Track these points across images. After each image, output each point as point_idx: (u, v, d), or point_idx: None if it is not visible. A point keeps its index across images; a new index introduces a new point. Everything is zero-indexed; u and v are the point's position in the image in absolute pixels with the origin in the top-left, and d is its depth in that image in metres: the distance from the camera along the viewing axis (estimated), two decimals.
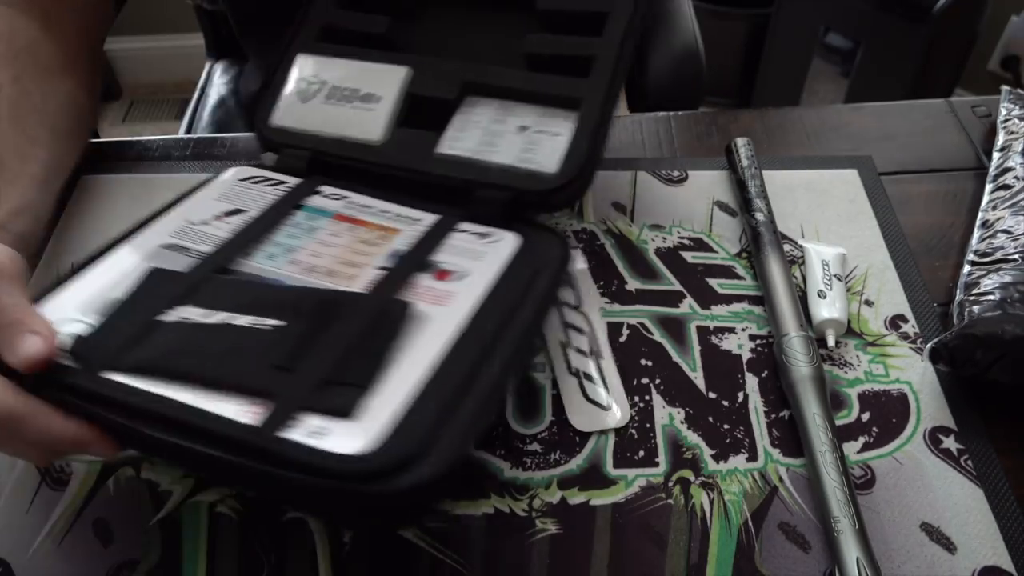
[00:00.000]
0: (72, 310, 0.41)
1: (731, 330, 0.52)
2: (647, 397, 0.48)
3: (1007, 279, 0.49)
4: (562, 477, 0.45)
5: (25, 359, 0.37)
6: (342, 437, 0.35)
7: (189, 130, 1.01)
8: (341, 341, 0.40)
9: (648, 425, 0.47)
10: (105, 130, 2.01)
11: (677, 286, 0.54)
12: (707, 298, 0.54)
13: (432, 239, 0.48)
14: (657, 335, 0.52)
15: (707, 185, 0.61)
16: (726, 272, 0.55)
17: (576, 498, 0.44)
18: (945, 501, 0.44)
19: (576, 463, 0.46)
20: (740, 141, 0.61)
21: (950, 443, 0.46)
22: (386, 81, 0.55)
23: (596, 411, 0.48)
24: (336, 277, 0.45)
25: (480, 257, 0.46)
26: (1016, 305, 0.46)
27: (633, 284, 0.54)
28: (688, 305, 0.53)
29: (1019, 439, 0.46)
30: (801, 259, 0.55)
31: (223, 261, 0.45)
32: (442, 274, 0.45)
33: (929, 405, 0.48)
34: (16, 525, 0.44)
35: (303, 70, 0.57)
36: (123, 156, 0.65)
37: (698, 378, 0.49)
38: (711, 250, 0.57)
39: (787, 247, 0.56)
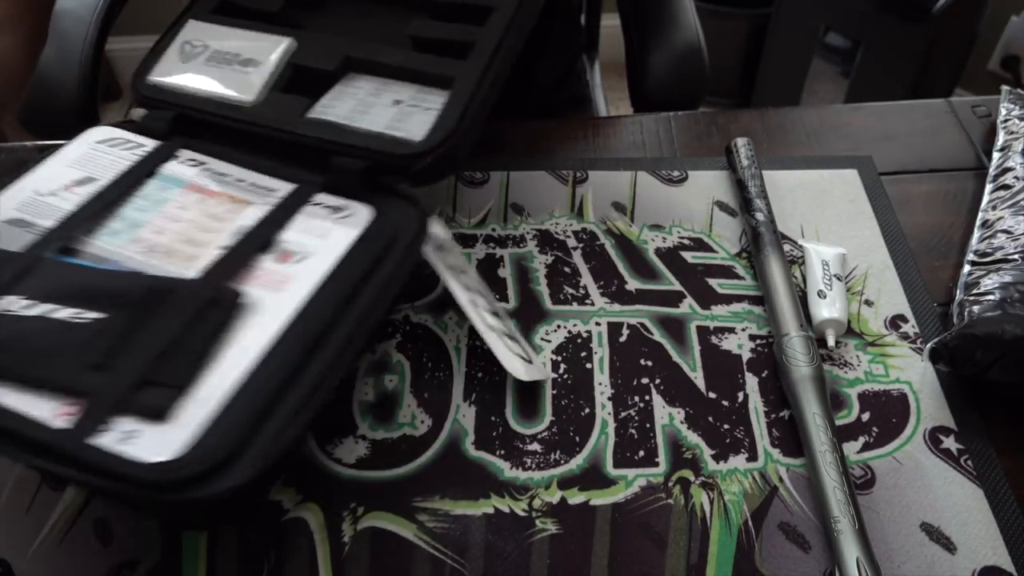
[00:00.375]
0: None
1: (731, 330, 0.52)
2: (647, 397, 0.48)
3: (1007, 279, 0.49)
4: (562, 477, 0.45)
5: None
6: (152, 442, 0.35)
7: None
8: (163, 335, 0.39)
9: (648, 425, 0.47)
10: None
11: (677, 286, 0.54)
12: (707, 298, 0.54)
13: (281, 214, 0.47)
14: (657, 335, 0.52)
15: (707, 185, 0.61)
16: (726, 272, 0.55)
17: (576, 498, 0.44)
18: (945, 501, 0.44)
19: (576, 463, 0.46)
20: (740, 141, 0.61)
21: (950, 443, 0.46)
22: (268, 49, 0.55)
23: (524, 363, 0.48)
24: (175, 258, 0.44)
25: (327, 235, 0.46)
26: (1016, 305, 0.46)
27: (633, 284, 0.54)
28: (688, 305, 0.53)
29: (1019, 439, 0.46)
30: (801, 259, 0.55)
31: (64, 239, 0.44)
32: (284, 256, 0.44)
33: (929, 405, 0.48)
34: (16, 525, 0.44)
35: (190, 33, 0.56)
36: None
37: (698, 378, 0.49)
38: (711, 250, 0.57)
39: (787, 247, 0.56)
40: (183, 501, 0.35)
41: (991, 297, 0.48)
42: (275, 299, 0.42)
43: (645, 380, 0.49)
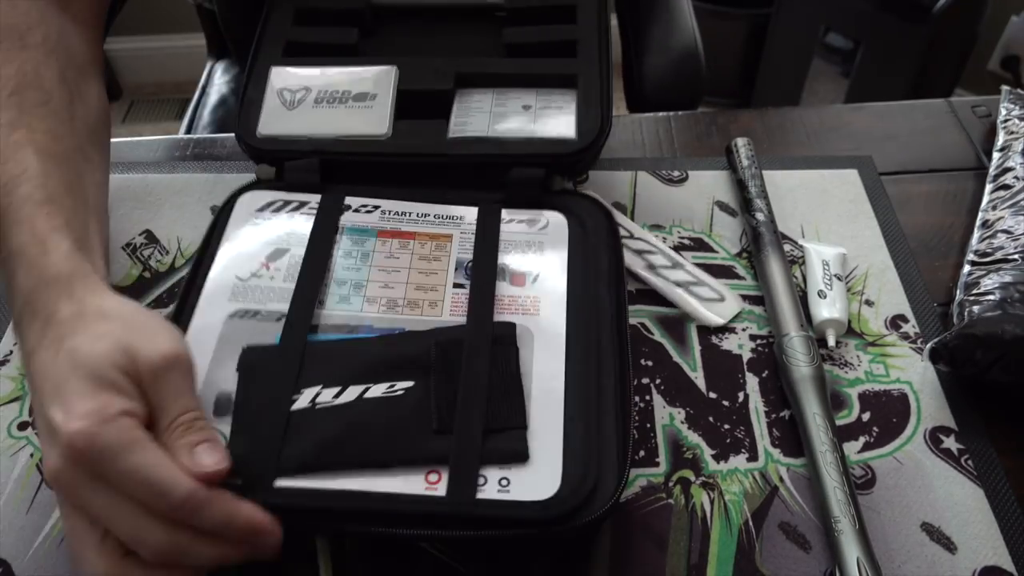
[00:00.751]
0: None
1: (731, 330, 0.52)
2: (647, 397, 0.48)
3: (1007, 279, 0.49)
4: None
5: (205, 473, 0.34)
6: (527, 483, 0.37)
7: (190, 129, 1.01)
8: (478, 385, 0.40)
9: (648, 425, 0.47)
10: None
11: None
12: None
13: (487, 240, 0.48)
14: (657, 335, 0.52)
15: (707, 185, 0.61)
16: (726, 272, 0.55)
17: None
18: (945, 501, 0.44)
19: None
20: (740, 141, 0.61)
21: (950, 443, 0.46)
22: (376, 80, 0.55)
23: (717, 304, 0.52)
24: (420, 308, 0.45)
25: (541, 249, 0.48)
26: (1016, 305, 0.46)
27: (633, 284, 0.54)
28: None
29: (1019, 439, 0.46)
30: (801, 259, 0.55)
31: (305, 317, 0.44)
32: (517, 279, 0.46)
33: (929, 405, 0.48)
34: (16, 525, 0.44)
35: (281, 80, 0.55)
36: (123, 156, 0.65)
37: (698, 378, 0.49)
38: (711, 250, 0.57)
39: (787, 247, 0.56)
40: (582, 525, 0.37)
41: (991, 297, 0.48)
42: (538, 322, 0.44)
43: (645, 380, 0.49)
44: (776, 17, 1.74)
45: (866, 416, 0.47)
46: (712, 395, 0.49)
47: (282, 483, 0.38)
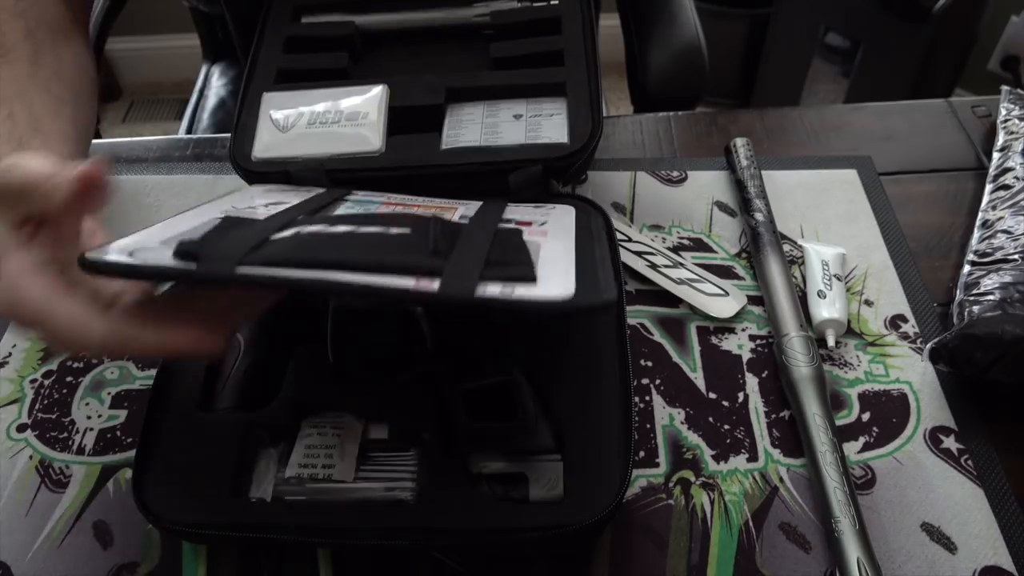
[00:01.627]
0: (156, 244, 0.34)
1: (731, 330, 0.52)
2: (647, 397, 0.48)
3: (1007, 279, 0.49)
4: None
5: (75, 177, 0.32)
6: (538, 290, 0.31)
7: (189, 132, 1.01)
8: (481, 241, 0.36)
9: (648, 425, 0.47)
10: (105, 130, 2.01)
11: None
12: None
13: (493, 210, 0.45)
14: (657, 335, 0.52)
15: (707, 185, 0.61)
16: (725, 272, 0.55)
17: None
18: (946, 501, 0.44)
19: None
20: (739, 141, 0.61)
21: (950, 443, 0.46)
22: (367, 99, 0.55)
23: (721, 300, 0.52)
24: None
25: (547, 216, 0.45)
26: (1016, 305, 0.46)
27: (633, 284, 0.54)
28: (688, 305, 0.53)
29: (1019, 439, 0.46)
30: (801, 259, 0.55)
31: (296, 213, 0.40)
32: (524, 225, 0.42)
33: (929, 405, 0.48)
34: (16, 527, 0.44)
35: (273, 104, 0.55)
36: (123, 156, 0.65)
37: (698, 378, 0.49)
38: (711, 250, 0.57)
39: (787, 247, 0.56)
40: (585, 526, 0.37)
41: (991, 297, 0.48)
42: (546, 241, 0.38)
43: (645, 380, 0.49)
44: (776, 17, 1.74)
45: (866, 416, 0.47)
46: (712, 395, 0.49)
47: (244, 270, 0.31)
